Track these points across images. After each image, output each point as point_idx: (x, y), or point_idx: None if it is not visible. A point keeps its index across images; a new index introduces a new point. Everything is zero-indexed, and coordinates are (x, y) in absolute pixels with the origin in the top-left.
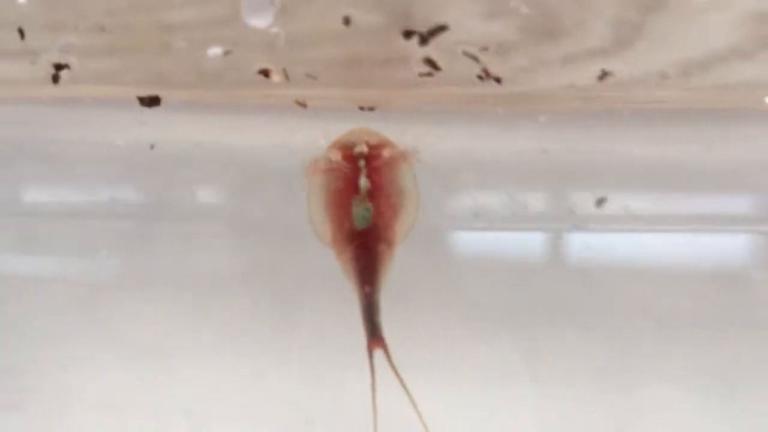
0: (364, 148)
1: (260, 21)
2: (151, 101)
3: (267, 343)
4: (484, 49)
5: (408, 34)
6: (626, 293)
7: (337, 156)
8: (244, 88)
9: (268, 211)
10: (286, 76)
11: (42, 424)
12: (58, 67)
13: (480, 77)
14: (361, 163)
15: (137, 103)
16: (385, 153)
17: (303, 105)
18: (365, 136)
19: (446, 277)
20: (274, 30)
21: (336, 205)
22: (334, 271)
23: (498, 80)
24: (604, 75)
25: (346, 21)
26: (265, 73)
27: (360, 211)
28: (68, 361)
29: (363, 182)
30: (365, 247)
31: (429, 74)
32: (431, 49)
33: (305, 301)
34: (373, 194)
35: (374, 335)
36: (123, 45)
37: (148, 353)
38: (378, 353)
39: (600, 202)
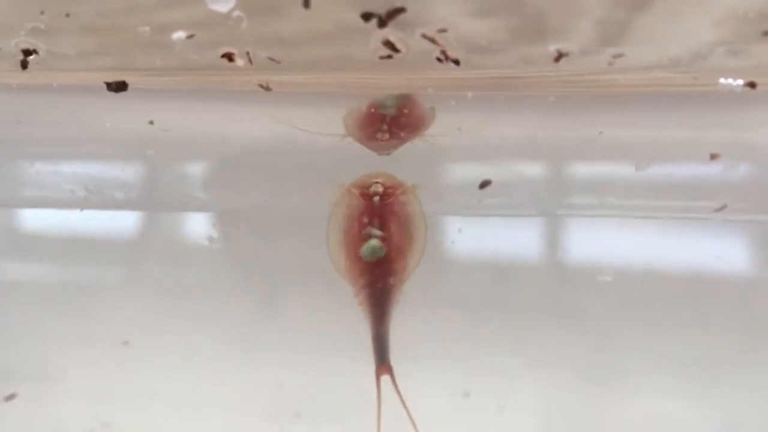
0: (379, 188)
1: (222, 5)
2: (119, 86)
3: (252, 333)
4: (442, 30)
5: (367, 16)
6: (604, 281)
7: (355, 194)
8: (209, 72)
9: (246, 199)
10: (250, 60)
11: (32, 416)
12: (27, 52)
13: (439, 60)
14: (376, 199)
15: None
16: (398, 193)
17: (267, 88)
18: (381, 178)
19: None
20: (237, 14)
21: (351, 239)
22: (318, 259)
23: (457, 62)
24: (559, 56)
25: (306, 3)
26: (229, 57)
27: (368, 248)
28: (58, 352)
29: (373, 232)
30: (377, 279)
31: (389, 57)
32: (391, 32)
33: (290, 289)
34: (385, 230)
35: (383, 362)
36: (89, 31)
37: (136, 343)
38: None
39: (483, 185)
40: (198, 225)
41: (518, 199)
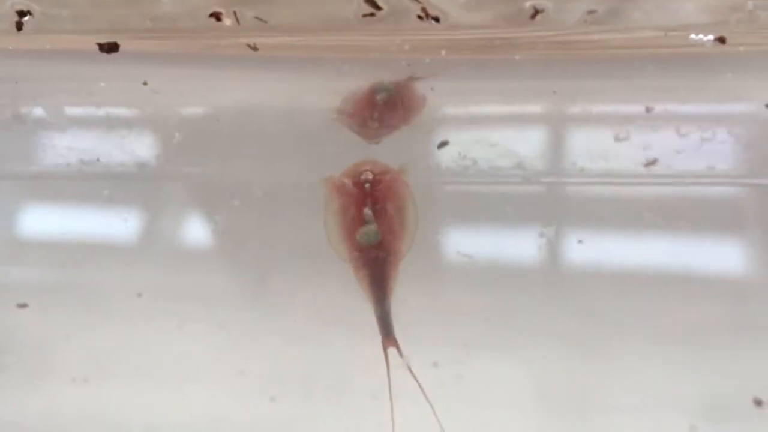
0: (369, 175)
1: None
2: (110, 47)
3: (240, 313)
4: None
5: None
6: (582, 246)
7: (347, 182)
8: (198, 34)
9: (239, 174)
10: (237, 20)
11: (19, 390)
12: (21, 14)
13: (419, 17)
14: (367, 186)
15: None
16: (387, 177)
17: (254, 48)
18: (369, 165)
19: None
20: None
21: (348, 225)
22: (309, 239)
23: (437, 20)
24: (535, 13)
25: None
26: (217, 16)
27: (364, 233)
28: (46, 327)
29: (366, 211)
30: (376, 260)
31: (371, 15)
32: None
33: (280, 270)
34: (378, 214)
35: (388, 335)
36: None
37: (125, 320)
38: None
39: (441, 144)
40: (186, 199)
41: (499, 165)
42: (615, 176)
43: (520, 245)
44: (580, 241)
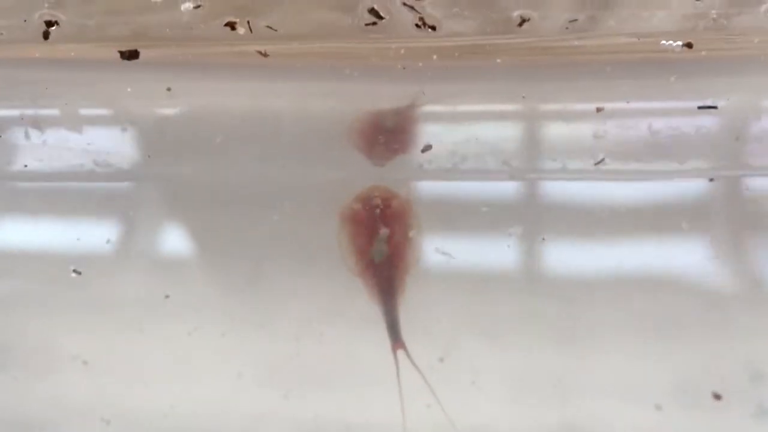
0: (378, 201)
1: None
2: (131, 54)
3: (232, 308)
4: None
5: None
6: (565, 244)
7: (358, 206)
8: (213, 42)
9: (236, 174)
10: (250, 29)
11: (24, 384)
12: (49, 24)
13: (417, 26)
14: (377, 211)
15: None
16: (394, 203)
17: (265, 55)
18: (378, 192)
19: None
20: None
21: (360, 244)
22: (301, 237)
23: (433, 28)
24: (522, 21)
25: None
26: (231, 25)
27: (376, 251)
28: (50, 322)
29: (380, 235)
30: (386, 275)
31: (374, 24)
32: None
33: (272, 266)
34: (388, 235)
35: (396, 340)
36: (106, 2)
37: (126, 315)
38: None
39: (425, 148)
40: (190, 197)
41: (488, 164)
42: (592, 172)
43: (499, 242)
44: (543, 238)
